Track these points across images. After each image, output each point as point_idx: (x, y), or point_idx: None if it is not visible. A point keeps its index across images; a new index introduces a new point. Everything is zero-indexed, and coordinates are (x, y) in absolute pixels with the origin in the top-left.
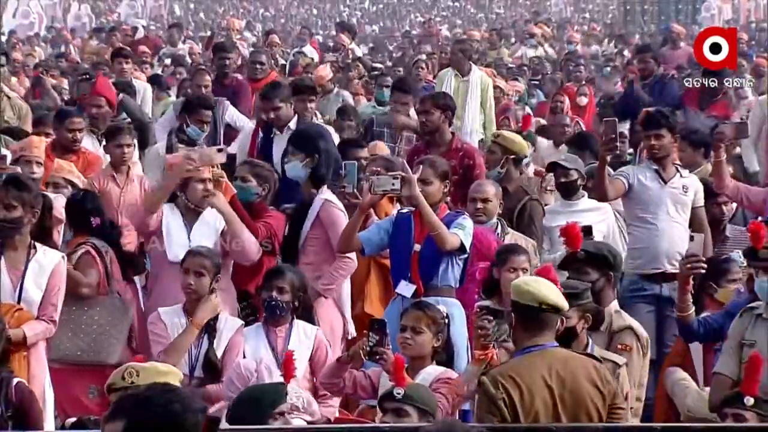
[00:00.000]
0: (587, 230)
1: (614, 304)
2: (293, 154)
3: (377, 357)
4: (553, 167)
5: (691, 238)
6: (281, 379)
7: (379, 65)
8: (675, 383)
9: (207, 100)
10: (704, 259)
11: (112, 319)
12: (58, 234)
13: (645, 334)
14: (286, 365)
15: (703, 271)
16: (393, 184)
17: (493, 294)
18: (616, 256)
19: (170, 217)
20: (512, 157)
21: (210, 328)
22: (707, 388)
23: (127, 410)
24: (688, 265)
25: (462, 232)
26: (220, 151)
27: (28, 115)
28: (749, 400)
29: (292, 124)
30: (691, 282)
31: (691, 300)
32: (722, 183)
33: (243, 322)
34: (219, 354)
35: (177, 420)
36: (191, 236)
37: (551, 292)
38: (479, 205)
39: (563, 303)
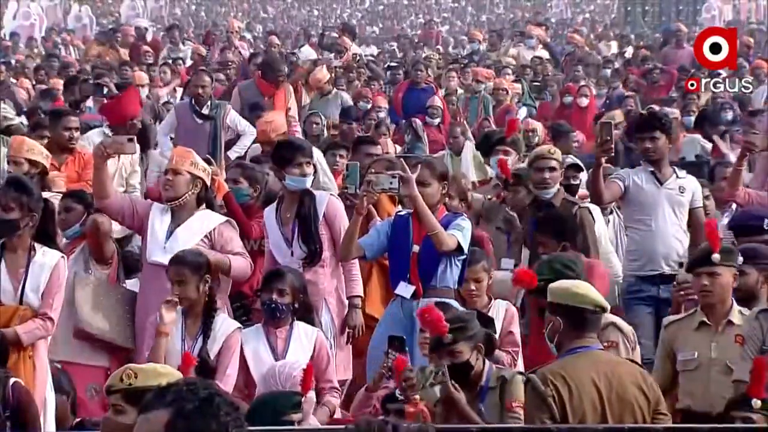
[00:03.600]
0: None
1: None
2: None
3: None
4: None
5: (681, 265)
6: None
7: (395, 63)
8: None
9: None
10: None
11: (130, 308)
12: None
13: (628, 328)
14: (306, 377)
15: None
16: (391, 183)
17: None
18: (571, 264)
19: (156, 218)
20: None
21: (205, 329)
22: None
23: (172, 400)
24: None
25: (460, 234)
26: (130, 140)
27: None
28: (757, 403)
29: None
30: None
31: None
32: (734, 191)
33: (240, 325)
34: (213, 355)
35: (219, 410)
36: (172, 238)
37: (599, 294)
38: None
39: (607, 304)
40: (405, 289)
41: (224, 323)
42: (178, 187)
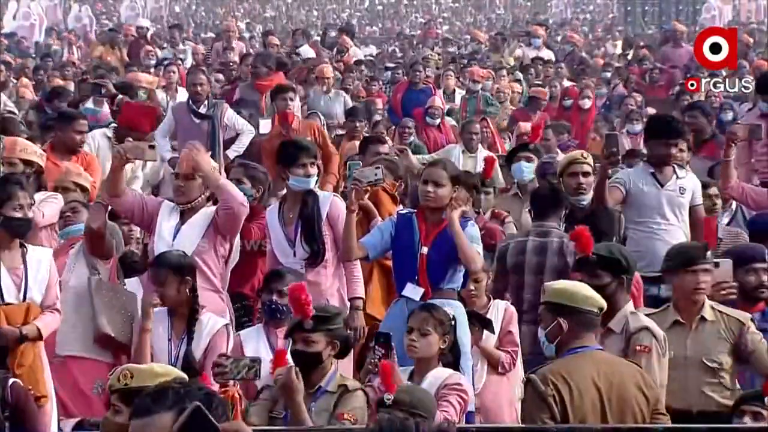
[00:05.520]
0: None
1: (629, 306)
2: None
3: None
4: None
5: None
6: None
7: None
8: None
9: None
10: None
11: (131, 305)
12: (54, 234)
13: (662, 334)
14: (277, 360)
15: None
16: (376, 175)
17: None
18: (629, 258)
19: (164, 217)
20: None
21: (189, 329)
22: None
23: (174, 402)
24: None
25: (479, 247)
26: (151, 147)
27: None
28: None
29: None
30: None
31: None
32: (727, 184)
33: (227, 322)
34: (199, 354)
35: (218, 409)
36: (177, 238)
37: (600, 297)
38: None
39: (605, 305)
40: (413, 291)
41: (210, 321)
42: (191, 192)
